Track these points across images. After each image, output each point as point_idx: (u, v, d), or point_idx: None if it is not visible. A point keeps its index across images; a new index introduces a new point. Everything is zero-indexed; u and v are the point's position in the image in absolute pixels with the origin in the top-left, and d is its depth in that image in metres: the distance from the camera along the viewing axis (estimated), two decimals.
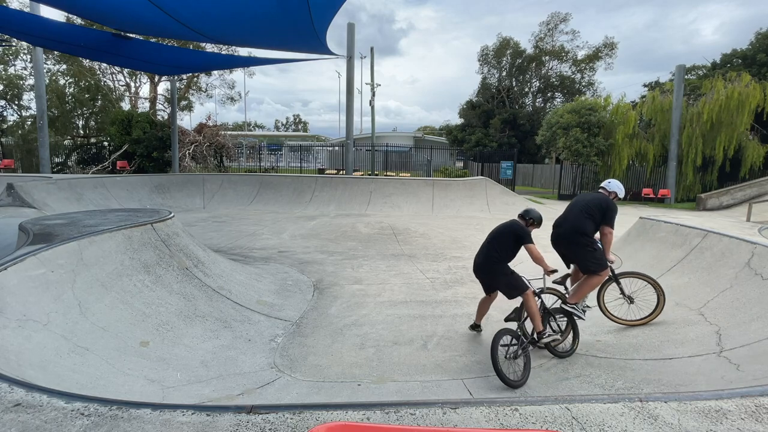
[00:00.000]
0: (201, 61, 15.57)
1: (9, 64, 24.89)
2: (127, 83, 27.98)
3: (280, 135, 52.89)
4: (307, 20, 7.61)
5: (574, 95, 31.81)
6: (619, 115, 21.33)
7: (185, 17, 7.92)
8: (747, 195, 16.58)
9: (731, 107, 18.30)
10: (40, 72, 15.17)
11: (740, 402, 1.68)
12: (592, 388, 3.33)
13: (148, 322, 3.66)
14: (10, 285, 2.85)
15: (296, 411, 1.60)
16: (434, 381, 3.45)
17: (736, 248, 4.55)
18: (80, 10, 9.31)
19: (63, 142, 26.08)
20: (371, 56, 23.22)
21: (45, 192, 10.26)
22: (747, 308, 3.87)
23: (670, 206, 18.50)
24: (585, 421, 1.56)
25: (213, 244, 7.88)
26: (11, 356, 2.34)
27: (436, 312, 4.97)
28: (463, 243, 8.53)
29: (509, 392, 3.26)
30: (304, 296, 5.38)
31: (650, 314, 4.29)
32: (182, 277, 4.49)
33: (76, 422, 1.47)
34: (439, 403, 1.66)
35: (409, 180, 15.98)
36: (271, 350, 3.87)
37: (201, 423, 1.50)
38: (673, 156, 19.41)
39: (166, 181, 14.71)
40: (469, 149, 32.09)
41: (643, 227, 6.18)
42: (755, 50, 23.70)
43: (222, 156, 22.55)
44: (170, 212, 5.53)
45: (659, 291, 4.23)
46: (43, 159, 15.52)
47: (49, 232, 4.08)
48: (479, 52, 35.91)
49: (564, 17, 33.95)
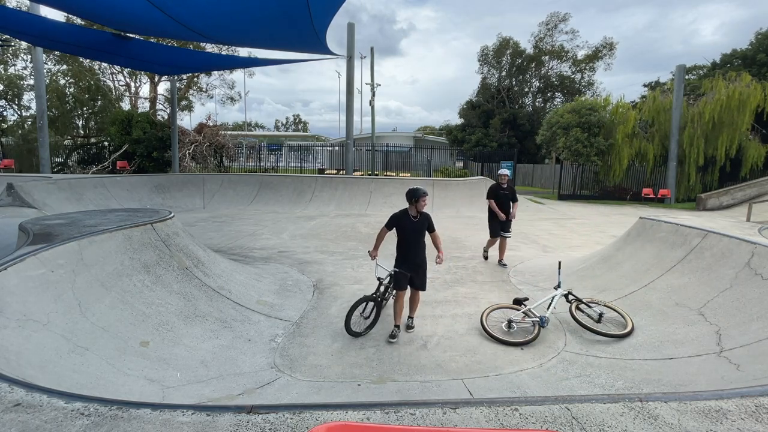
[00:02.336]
0: (201, 61, 15.58)
1: (9, 64, 24.89)
2: (127, 83, 27.99)
3: (280, 135, 52.86)
4: (306, 20, 7.61)
5: (574, 95, 31.81)
6: (619, 115, 21.33)
7: (185, 18, 7.92)
8: (747, 195, 16.58)
9: (732, 107, 18.31)
10: (40, 72, 15.17)
11: (740, 402, 1.68)
12: (592, 388, 3.33)
13: (148, 322, 3.66)
14: (10, 285, 2.84)
15: (296, 411, 1.60)
16: (434, 381, 3.44)
17: (736, 248, 4.55)
18: (80, 11, 9.31)
19: (63, 142, 26.07)
20: (371, 56, 23.22)
21: (45, 192, 10.26)
22: (747, 308, 3.87)
23: (670, 206, 18.50)
24: (585, 421, 1.56)
25: (213, 244, 7.88)
26: (11, 356, 2.34)
27: (436, 312, 4.97)
28: (463, 243, 8.53)
29: (509, 392, 3.26)
30: (304, 296, 5.38)
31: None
32: (182, 277, 4.49)
33: (76, 422, 1.47)
34: (439, 403, 1.65)
35: (409, 180, 15.98)
36: (271, 350, 3.87)
37: (201, 423, 1.50)
38: (673, 156, 19.42)
39: (166, 181, 14.70)
40: (469, 149, 32.09)
41: (643, 227, 6.18)
42: (755, 50, 23.70)
43: (222, 156, 22.55)
44: (170, 212, 5.53)
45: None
46: (43, 159, 15.52)
47: (49, 232, 4.08)
48: (479, 52, 35.93)
49: (564, 17, 33.97)
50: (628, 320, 4.33)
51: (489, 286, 5.95)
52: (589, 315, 4.46)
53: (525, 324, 4.40)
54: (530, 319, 4.42)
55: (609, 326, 4.34)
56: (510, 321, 4.40)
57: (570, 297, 4.60)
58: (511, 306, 4.73)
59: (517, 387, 3.36)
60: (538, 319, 4.39)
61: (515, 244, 9.07)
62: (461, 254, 7.70)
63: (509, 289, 5.87)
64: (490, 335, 4.22)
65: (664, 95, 20.97)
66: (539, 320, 4.38)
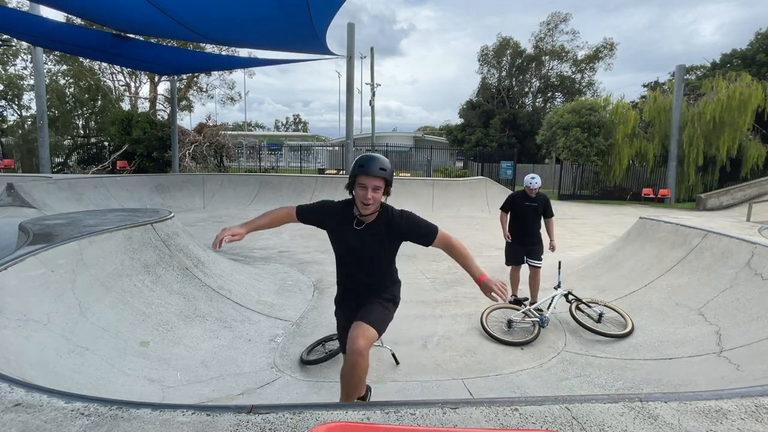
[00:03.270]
0: (201, 61, 15.58)
1: (9, 64, 24.89)
2: (127, 83, 27.97)
3: (280, 135, 52.84)
4: (306, 20, 7.62)
5: (574, 95, 31.80)
6: (619, 115, 21.33)
7: (185, 18, 7.92)
8: (747, 195, 16.58)
9: (733, 107, 18.31)
10: (40, 72, 15.17)
11: (740, 402, 1.68)
12: (592, 388, 3.33)
13: (148, 322, 3.66)
14: (10, 285, 2.84)
15: (296, 411, 1.60)
16: (434, 381, 3.44)
17: (736, 248, 4.55)
18: (80, 11, 9.31)
19: (63, 142, 26.06)
20: (371, 56, 23.23)
21: (45, 192, 10.25)
22: (747, 308, 3.87)
23: (670, 206, 18.49)
24: (585, 421, 1.56)
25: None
26: (11, 356, 2.34)
27: (436, 312, 4.97)
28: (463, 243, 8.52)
29: (509, 392, 3.26)
30: (304, 296, 5.37)
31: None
32: (182, 277, 4.49)
33: (76, 422, 1.47)
34: (439, 403, 1.65)
35: (409, 180, 15.98)
36: (271, 350, 3.87)
37: (201, 423, 1.50)
38: (673, 156, 19.41)
39: (166, 181, 14.70)
40: (469, 149, 32.07)
41: (643, 227, 6.18)
42: (755, 50, 23.70)
43: (222, 156, 22.54)
44: (170, 212, 5.53)
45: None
46: (43, 159, 15.52)
47: (49, 232, 4.08)
48: (479, 51, 35.89)
49: (564, 17, 33.94)
50: (628, 320, 4.33)
51: None
52: (589, 315, 4.46)
53: (525, 324, 4.40)
54: (530, 319, 4.42)
55: (609, 326, 4.34)
56: (510, 321, 4.41)
57: (570, 297, 4.60)
58: (511, 306, 4.74)
59: (517, 387, 3.36)
60: (538, 319, 4.39)
61: None
62: None
63: (509, 289, 5.87)
64: (490, 335, 4.22)
65: (664, 95, 20.97)
66: (539, 320, 4.38)
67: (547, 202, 5.11)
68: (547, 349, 4.05)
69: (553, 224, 5.16)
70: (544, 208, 5.07)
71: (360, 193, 2.15)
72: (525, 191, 5.06)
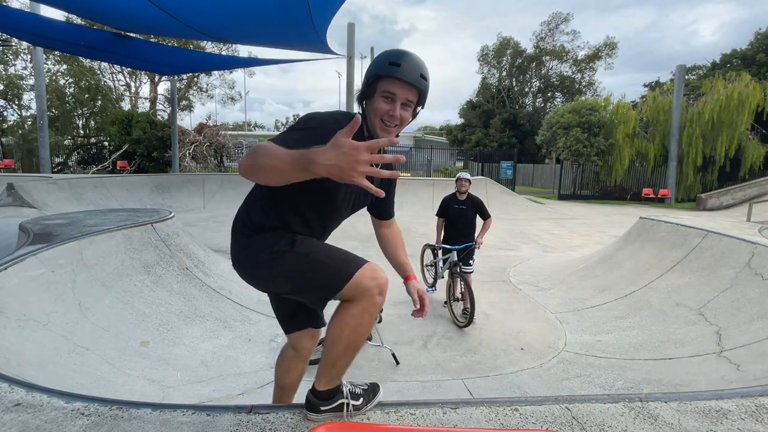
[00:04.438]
0: (201, 61, 15.56)
1: (9, 64, 24.88)
2: (127, 83, 27.96)
3: None
4: (307, 19, 7.62)
5: (575, 95, 31.82)
6: (619, 114, 21.33)
7: (185, 16, 7.93)
8: (747, 195, 16.59)
9: (732, 107, 18.32)
10: (40, 72, 15.17)
11: (740, 402, 1.68)
12: (592, 388, 3.33)
13: (148, 322, 3.66)
14: (10, 285, 2.84)
15: (296, 411, 1.60)
16: (434, 381, 3.44)
17: (737, 248, 4.55)
18: (80, 10, 9.31)
19: (63, 142, 26.04)
20: (371, 56, 23.22)
21: (45, 192, 10.25)
22: (747, 308, 3.87)
23: (670, 206, 18.50)
24: (585, 421, 1.56)
25: (213, 244, 7.87)
26: (11, 356, 2.34)
27: (436, 312, 4.97)
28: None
29: (509, 392, 3.26)
30: None
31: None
32: (182, 277, 4.49)
33: (76, 422, 1.47)
34: (439, 403, 1.66)
35: (409, 180, 15.97)
36: (271, 350, 3.86)
37: (201, 423, 1.50)
38: (674, 156, 19.42)
39: (166, 181, 14.69)
40: (469, 149, 32.09)
41: (643, 227, 6.17)
42: (755, 50, 23.71)
43: (222, 156, 22.54)
44: (170, 212, 5.53)
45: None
46: (44, 159, 15.51)
47: (49, 232, 4.08)
48: (479, 51, 35.95)
49: (565, 17, 33.99)
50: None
51: (489, 286, 5.94)
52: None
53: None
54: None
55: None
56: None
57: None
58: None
59: (517, 387, 3.36)
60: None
61: (515, 244, 9.08)
62: None
63: (509, 289, 5.87)
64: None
65: (664, 95, 20.97)
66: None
67: (480, 204, 4.90)
68: (547, 349, 4.05)
69: (489, 227, 4.90)
70: (476, 210, 4.88)
71: (383, 107, 1.42)
72: (455, 194, 4.92)
